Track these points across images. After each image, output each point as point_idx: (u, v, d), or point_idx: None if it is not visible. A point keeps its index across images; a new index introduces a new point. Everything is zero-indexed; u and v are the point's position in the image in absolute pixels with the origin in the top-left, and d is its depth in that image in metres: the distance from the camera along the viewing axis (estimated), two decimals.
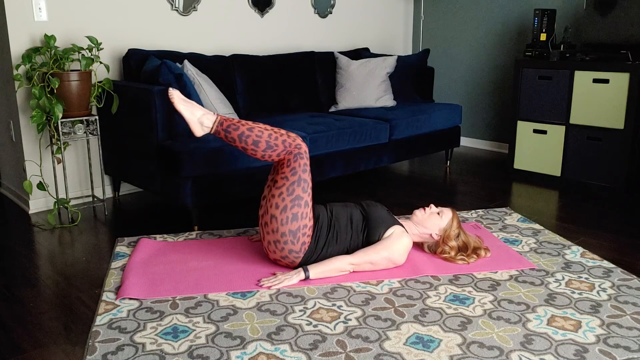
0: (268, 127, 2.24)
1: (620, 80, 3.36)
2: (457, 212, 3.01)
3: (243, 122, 2.23)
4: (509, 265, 2.37)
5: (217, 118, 2.24)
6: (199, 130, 2.25)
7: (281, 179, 2.19)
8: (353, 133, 3.40)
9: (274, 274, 2.25)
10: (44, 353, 1.76)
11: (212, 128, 2.24)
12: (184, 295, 2.10)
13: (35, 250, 2.63)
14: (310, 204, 2.22)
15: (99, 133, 3.07)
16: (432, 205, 2.45)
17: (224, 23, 3.87)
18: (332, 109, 4.05)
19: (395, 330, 1.84)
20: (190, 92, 2.94)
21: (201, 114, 2.25)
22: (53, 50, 2.89)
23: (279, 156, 2.21)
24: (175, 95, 2.25)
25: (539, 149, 3.80)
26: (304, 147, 2.22)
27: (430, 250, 2.47)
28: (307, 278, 2.20)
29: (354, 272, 2.27)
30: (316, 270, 2.21)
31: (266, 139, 2.18)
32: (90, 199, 3.36)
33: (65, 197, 3.02)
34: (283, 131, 2.25)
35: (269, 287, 2.15)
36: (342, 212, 2.34)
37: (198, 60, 3.46)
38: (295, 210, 2.17)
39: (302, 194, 2.18)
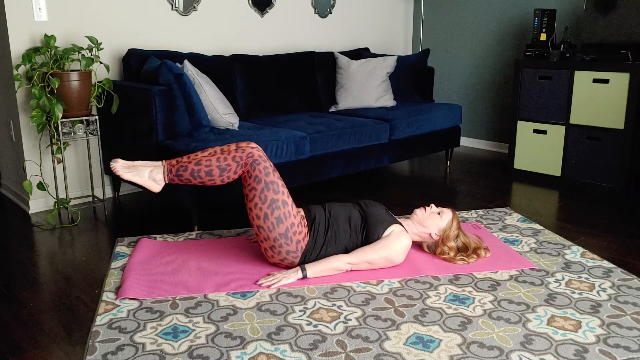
0: (216, 149, 2.27)
1: (620, 80, 3.36)
2: (457, 212, 3.01)
3: (191, 157, 2.24)
4: (509, 265, 2.36)
5: (164, 168, 2.23)
6: (156, 187, 2.26)
7: (250, 191, 2.19)
8: (353, 133, 3.40)
9: (270, 274, 2.25)
10: (44, 353, 1.76)
11: (165, 179, 2.24)
12: (184, 295, 2.10)
13: (35, 250, 2.63)
14: (289, 200, 2.21)
15: (99, 133, 3.07)
16: (432, 205, 2.45)
17: (224, 23, 3.87)
18: (332, 109, 4.05)
19: (395, 330, 1.84)
20: (190, 92, 2.94)
21: (149, 171, 2.23)
22: (53, 50, 2.89)
23: (236, 173, 2.21)
24: (118, 167, 2.23)
25: (539, 149, 3.80)
26: (257, 153, 2.20)
27: (429, 250, 2.47)
28: (304, 277, 2.20)
29: (354, 272, 2.27)
30: (314, 269, 2.21)
31: (216, 164, 2.18)
32: (90, 199, 3.36)
33: (65, 197, 3.02)
34: (232, 146, 2.25)
35: (268, 287, 2.15)
36: (341, 211, 2.34)
37: (198, 60, 3.46)
38: (276, 214, 2.17)
39: (276, 196, 2.17)
